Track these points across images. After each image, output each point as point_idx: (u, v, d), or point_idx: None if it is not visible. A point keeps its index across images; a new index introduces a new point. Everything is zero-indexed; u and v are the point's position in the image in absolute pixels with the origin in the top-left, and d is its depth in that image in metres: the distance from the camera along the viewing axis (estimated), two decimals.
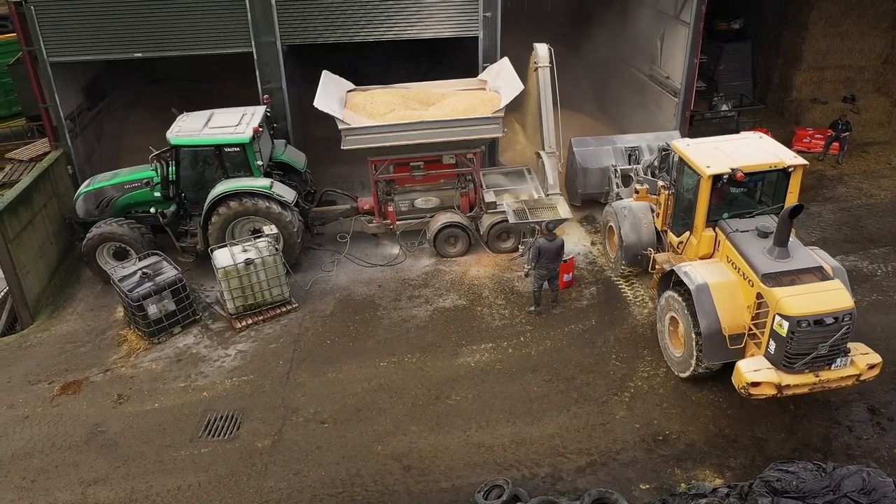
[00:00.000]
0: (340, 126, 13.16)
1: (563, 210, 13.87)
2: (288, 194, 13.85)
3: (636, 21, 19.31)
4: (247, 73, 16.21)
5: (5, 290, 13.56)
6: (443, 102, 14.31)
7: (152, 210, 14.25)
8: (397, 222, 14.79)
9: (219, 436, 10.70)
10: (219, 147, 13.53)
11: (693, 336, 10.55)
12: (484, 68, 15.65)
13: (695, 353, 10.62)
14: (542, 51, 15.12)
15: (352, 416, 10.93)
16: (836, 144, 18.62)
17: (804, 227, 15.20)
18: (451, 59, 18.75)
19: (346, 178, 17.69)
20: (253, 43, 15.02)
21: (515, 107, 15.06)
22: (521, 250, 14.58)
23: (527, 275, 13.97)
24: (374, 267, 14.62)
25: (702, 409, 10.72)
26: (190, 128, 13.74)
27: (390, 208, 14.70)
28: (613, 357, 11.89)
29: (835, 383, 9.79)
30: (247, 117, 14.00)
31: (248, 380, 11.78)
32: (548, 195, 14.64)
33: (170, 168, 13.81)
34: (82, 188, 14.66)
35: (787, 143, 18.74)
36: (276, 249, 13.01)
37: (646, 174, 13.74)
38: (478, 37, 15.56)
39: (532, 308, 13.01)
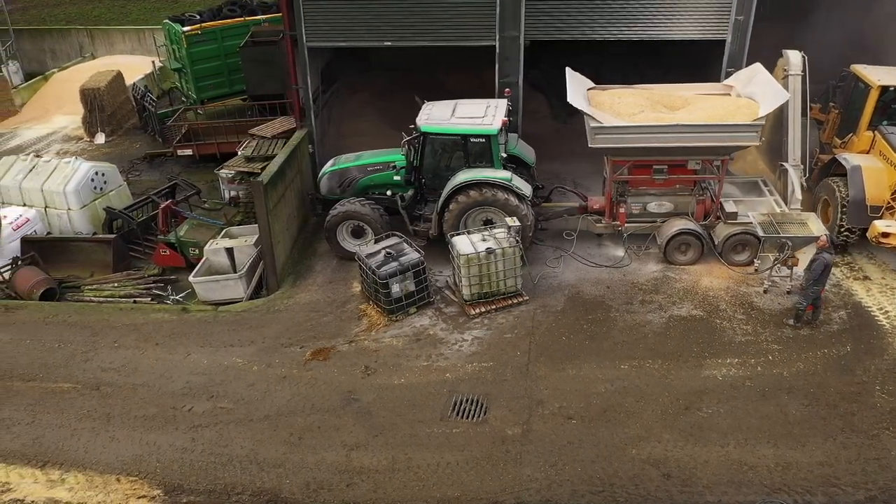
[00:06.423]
0: (592, 124, 13.08)
1: (817, 227, 13.04)
2: (525, 188, 13.99)
3: (876, 24, 17.92)
4: (456, 63, 16.25)
5: (255, 255, 14.55)
6: (690, 106, 13.89)
7: (388, 192, 14.86)
8: (626, 224, 14.56)
9: (467, 418, 10.97)
10: (465, 137, 13.85)
11: (841, 206, 13.67)
12: (728, 73, 15.07)
13: (839, 221, 13.79)
14: (794, 58, 14.45)
15: (599, 415, 10.88)
16: None
17: None
18: (670, 60, 18.19)
19: (556, 175, 17.60)
20: (497, 37, 15.23)
21: None
22: (755, 264, 13.96)
23: (766, 291, 13.43)
24: (600, 267, 14.48)
25: None
26: (438, 116, 14.14)
27: (621, 210, 14.49)
28: (878, 388, 11.11)
29: None
30: (491, 109, 14.22)
31: (489, 366, 11.99)
32: (791, 209, 13.92)
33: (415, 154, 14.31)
34: (327, 167, 15.50)
35: None
36: (517, 241, 13.16)
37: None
38: (724, 41, 15.00)
39: (791, 321, 12.53)
